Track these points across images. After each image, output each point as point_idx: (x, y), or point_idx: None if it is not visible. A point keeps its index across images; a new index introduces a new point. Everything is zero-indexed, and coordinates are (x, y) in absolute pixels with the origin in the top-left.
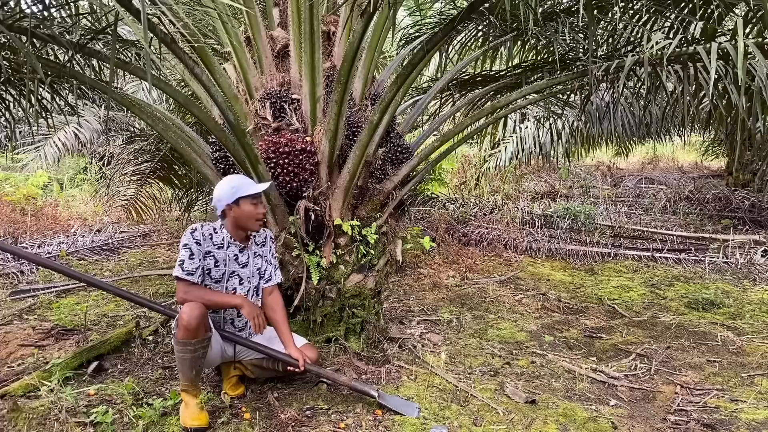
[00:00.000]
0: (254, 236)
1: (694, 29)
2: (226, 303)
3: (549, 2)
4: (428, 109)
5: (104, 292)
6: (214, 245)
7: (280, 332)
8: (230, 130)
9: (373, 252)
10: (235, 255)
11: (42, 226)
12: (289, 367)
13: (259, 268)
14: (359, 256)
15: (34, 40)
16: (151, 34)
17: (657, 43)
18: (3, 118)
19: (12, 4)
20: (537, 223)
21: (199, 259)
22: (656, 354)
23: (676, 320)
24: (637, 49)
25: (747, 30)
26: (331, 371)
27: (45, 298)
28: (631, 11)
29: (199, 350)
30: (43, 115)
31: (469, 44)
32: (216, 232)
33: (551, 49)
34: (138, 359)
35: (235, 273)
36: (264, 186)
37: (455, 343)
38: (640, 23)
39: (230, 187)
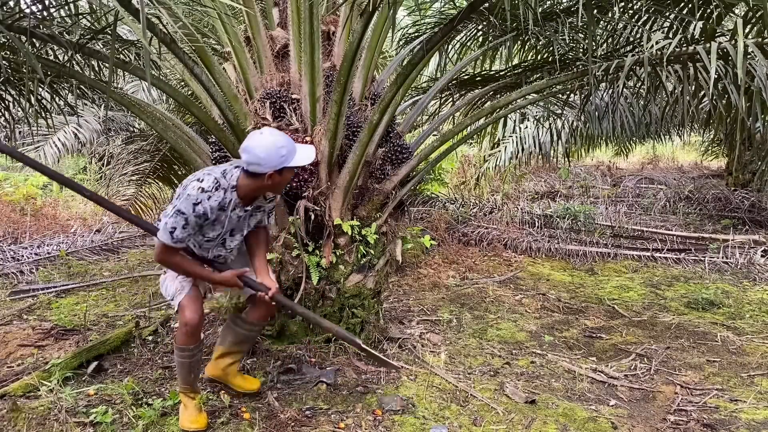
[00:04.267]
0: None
1: (694, 29)
2: (211, 279)
3: (549, 2)
4: (428, 109)
5: (104, 292)
6: (220, 210)
7: (256, 259)
8: (230, 130)
9: (372, 252)
10: (238, 216)
11: (42, 226)
12: (259, 293)
13: (258, 221)
14: (359, 256)
15: (34, 40)
16: (151, 34)
17: (657, 43)
18: (2, 118)
19: (12, 4)
20: (537, 223)
21: (192, 229)
22: (656, 354)
23: (676, 320)
24: (637, 49)
25: (747, 30)
26: (306, 310)
27: (45, 298)
28: (631, 11)
29: (197, 354)
30: (43, 115)
31: (468, 44)
32: (224, 197)
33: (551, 49)
34: (138, 359)
35: (232, 231)
36: (312, 157)
37: (455, 343)
38: (640, 23)
39: (279, 155)
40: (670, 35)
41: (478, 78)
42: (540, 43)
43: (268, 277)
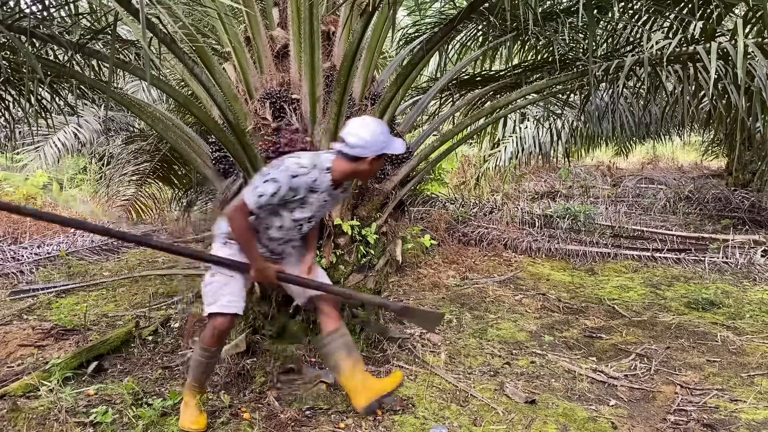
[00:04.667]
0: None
1: (694, 29)
2: (256, 262)
3: (549, 2)
4: (428, 109)
5: (104, 292)
6: (311, 191)
7: (308, 255)
8: (230, 130)
9: (372, 252)
10: (324, 201)
11: (42, 226)
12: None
13: (326, 211)
14: (359, 256)
15: (34, 40)
16: (151, 34)
17: (657, 43)
18: (3, 118)
19: (12, 4)
20: (537, 223)
21: (278, 201)
22: (656, 354)
23: (676, 320)
24: (637, 49)
25: (747, 30)
26: (349, 290)
27: (45, 298)
28: (631, 11)
29: (216, 357)
30: (43, 115)
31: (468, 44)
32: (318, 177)
33: (551, 49)
34: (138, 359)
35: (311, 217)
36: (404, 148)
37: (455, 343)
38: (640, 23)
39: (382, 140)
40: (670, 35)
41: (478, 78)
42: (540, 43)
43: (318, 273)
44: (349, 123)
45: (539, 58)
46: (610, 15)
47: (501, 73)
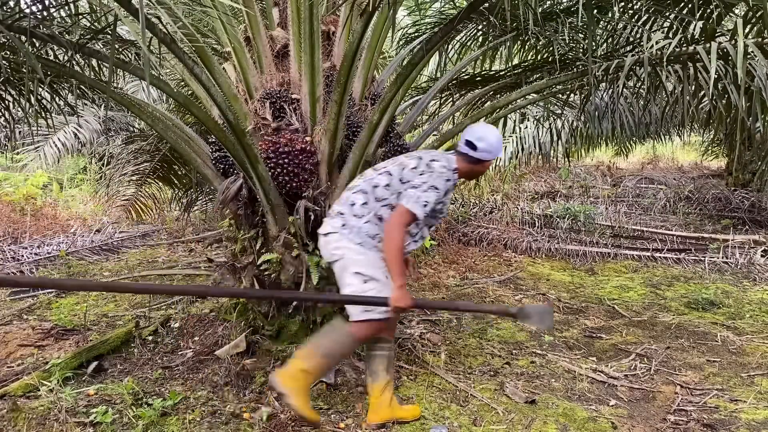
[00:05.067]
0: None
1: (694, 29)
2: (394, 273)
3: (549, 2)
4: (428, 108)
5: (104, 292)
6: (447, 193)
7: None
8: (230, 130)
9: None
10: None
11: (41, 226)
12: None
13: None
14: None
15: (34, 40)
16: (151, 34)
17: (657, 43)
18: (2, 118)
19: (12, 3)
20: (537, 223)
21: (434, 205)
22: (656, 354)
23: (676, 320)
24: (637, 49)
25: (747, 30)
26: (473, 304)
27: (45, 298)
28: (631, 11)
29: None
30: (43, 115)
31: (468, 44)
32: (452, 179)
33: (551, 49)
34: (137, 359)
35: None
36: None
37: (455, 343)
38: (640, 23)
39: (499, 146)
40: (670, 35)
41: (478, 78)
42: (540, 43)
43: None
44: (473, 128)
45: (539, 58)
46: (610, 15)
47: (501, 73)
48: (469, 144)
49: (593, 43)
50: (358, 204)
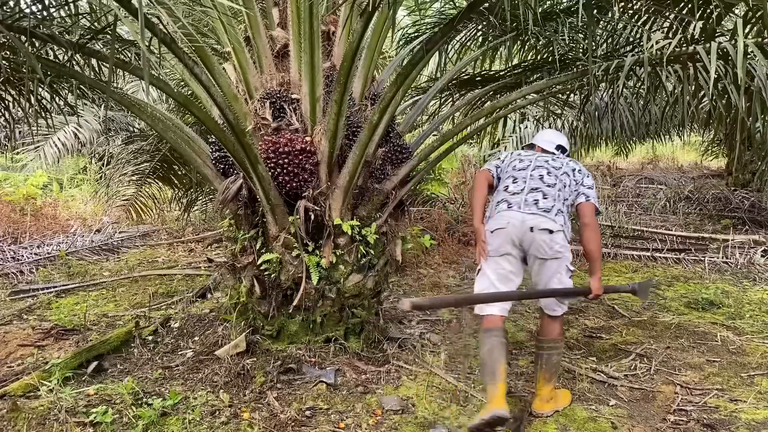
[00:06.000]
0: None
1: (694, 29)
2: (599, 266)
3: (549, 2)
4: (428, 109)
5: (104, 292)
6: None
7: None
8: (230, 130)
9: (372, 252)
10: None
11: (42, 226)
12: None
13: None
14: (359, 256)
15: (34, 40)
16: (151, 34)
17: (657, 43)
18: (2, 118)
19: (12, 3)
20: None
21: None
22: (656, 354)
23: (675, 320)
24: (637, 49)
25: (747, 30)
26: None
27: (45, 298)
28: (631, 11)
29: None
30: (43, 115)
31: (468, 44)
32: None
33: (551, 49)
34: (137, 359)
35: None
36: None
37: (455, 343)
38: (640, 23)
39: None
40: (670, 35)
41: (478, 78)
42: (540, 43)
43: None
44: (550, 133)
45: (539, 58)
46: (609, 15)
47: (501, 73)
48: (561, 148)
49: (593, 43)
50: (564, 203)
